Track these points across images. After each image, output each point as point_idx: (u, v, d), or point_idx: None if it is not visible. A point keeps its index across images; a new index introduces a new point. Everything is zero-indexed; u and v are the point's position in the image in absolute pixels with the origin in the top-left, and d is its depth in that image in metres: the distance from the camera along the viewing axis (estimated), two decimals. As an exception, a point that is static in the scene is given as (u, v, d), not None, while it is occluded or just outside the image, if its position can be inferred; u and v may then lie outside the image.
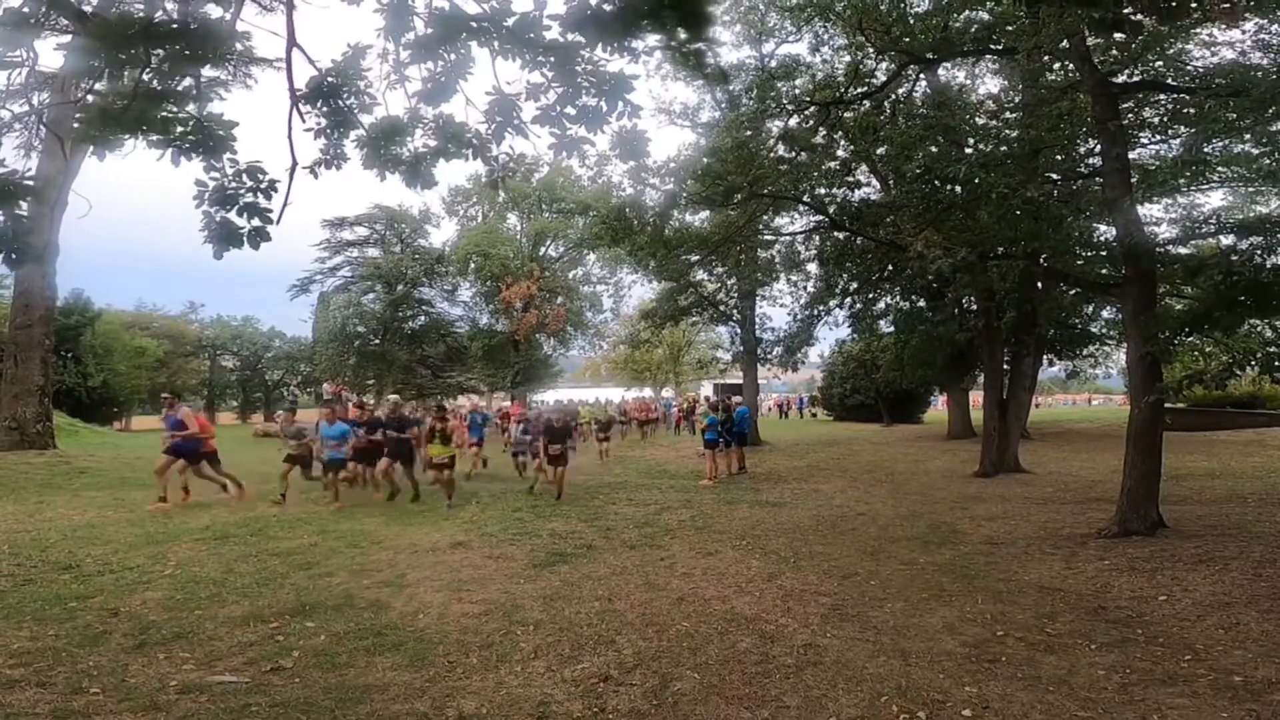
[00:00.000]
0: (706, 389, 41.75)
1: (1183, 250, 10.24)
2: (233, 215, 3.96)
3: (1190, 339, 9.40)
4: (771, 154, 11.40)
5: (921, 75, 13.18)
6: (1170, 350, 8.44)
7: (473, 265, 37.39)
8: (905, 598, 5.78)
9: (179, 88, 3.77)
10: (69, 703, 3.71)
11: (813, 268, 17.57)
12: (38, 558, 6.91)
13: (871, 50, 11.19)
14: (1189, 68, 9.54)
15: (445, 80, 4.10)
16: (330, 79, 4.17)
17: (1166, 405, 8.62)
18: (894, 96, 12.19)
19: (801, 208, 13.37)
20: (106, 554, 7.12)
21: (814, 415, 40.40)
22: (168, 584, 6.07)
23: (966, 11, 10.55)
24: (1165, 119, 10.42)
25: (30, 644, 4.58)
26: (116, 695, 3.82)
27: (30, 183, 3.48)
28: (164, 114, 3.55)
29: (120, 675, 4.10)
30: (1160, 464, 8.22)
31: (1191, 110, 9.33)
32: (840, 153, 12.29)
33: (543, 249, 39.19)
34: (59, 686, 3.91)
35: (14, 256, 3.33)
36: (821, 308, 15.54)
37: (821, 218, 12.89)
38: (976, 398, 24.32)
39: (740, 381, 24.97)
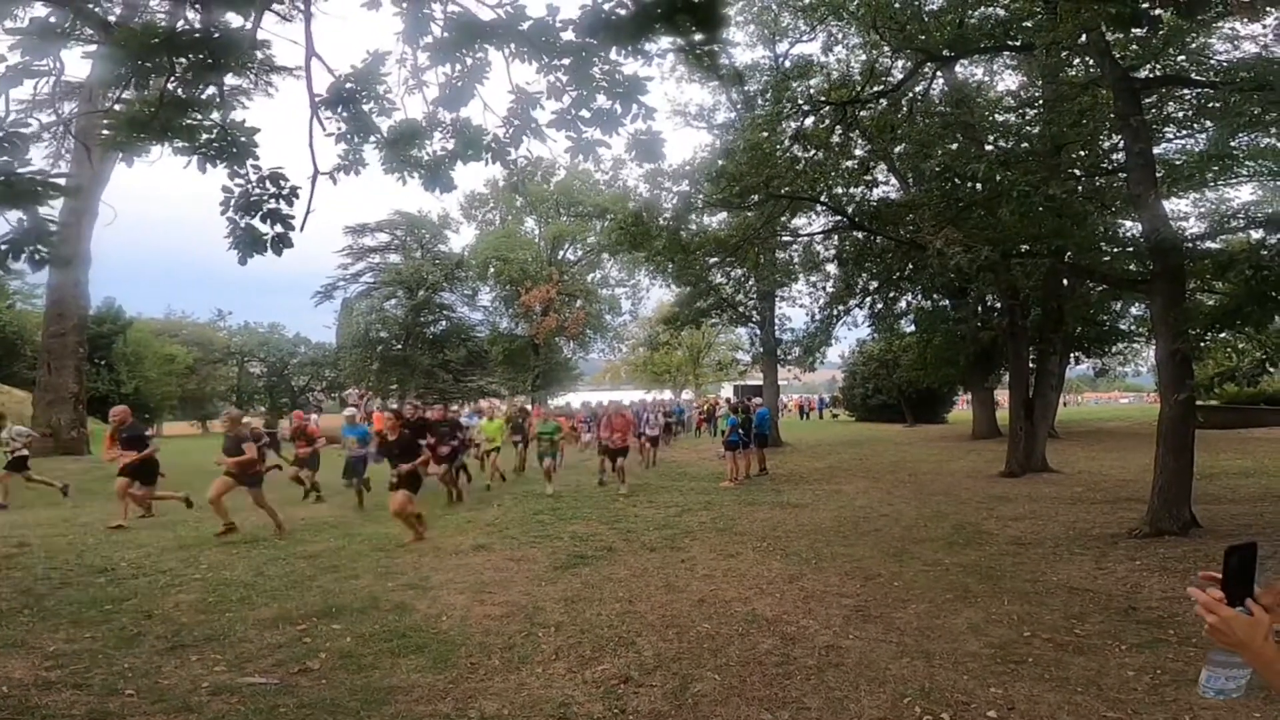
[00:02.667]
0: (727, 390, 41.68)
1: (1212, 245, 10.03)
2: (256, 221, 4.04)
3: (1221, 335, 9.26)
4: (787, 154, 11.35)
5: (939, 73, 13.06)
6: (1200, 346, 8.30)
7: (492, 270, 37.80)
8: (929, 599, 5.71)
9: (203, 96, 3.85)
10: (104, 704, 3.78)
11: (832, 268, 17.46)
12: (74, 561, 7.06)
13: (887, 48, 11.11)
14: (1212, 62, 9.37)
15: (462, 84, 4.15)
16: (349, 85, 4.24)
17: (1198, 402, 8.47)
18: (911, 94, 12.09)
19: (819, 208, 13.29)
20: (140, 558, 7.26)
21: (835, 416, 40.12)
22: (199, 587, 6.18)
23: (981, 8, 10.44)
24: (1189, 114, 10.22)
25: (67, 646, 4.67)
26: (150, 696, 3.89)
27: (58, 181, 3.56)
28: (189, 121, 3.63)
29: (154, 677, 4.17)
30: (1192, 462, 8.07)
31: (1216, 105, 9.15)
32: (858, 152, 12.21)
33: (561, 252, 39.47)
34: (95, 688, 3.99)
35: (38, 259, 3.38)
36: (840, 308, 15.42)
37: (840, 218, 12.81)
38: (1002, 397, 24.01)
39: (760, 383, 24.89)
